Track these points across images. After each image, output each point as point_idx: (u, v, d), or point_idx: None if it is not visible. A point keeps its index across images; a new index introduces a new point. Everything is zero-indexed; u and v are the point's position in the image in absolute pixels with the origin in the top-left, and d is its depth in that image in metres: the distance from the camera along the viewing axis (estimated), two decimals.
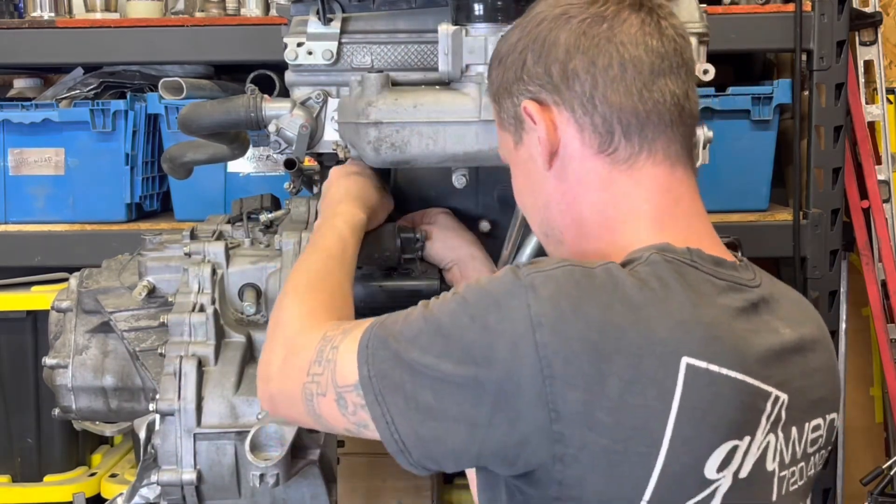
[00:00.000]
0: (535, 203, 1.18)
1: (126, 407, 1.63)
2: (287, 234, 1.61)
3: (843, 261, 2.63)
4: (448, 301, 1.05)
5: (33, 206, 2.65)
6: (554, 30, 1.11)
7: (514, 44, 1.16)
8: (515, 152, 1.19)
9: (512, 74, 1.16)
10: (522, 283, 0.99)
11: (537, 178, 1.16)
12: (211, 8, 2.72)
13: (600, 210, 1.11)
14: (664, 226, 1.10)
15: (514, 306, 0.98)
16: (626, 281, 0.99)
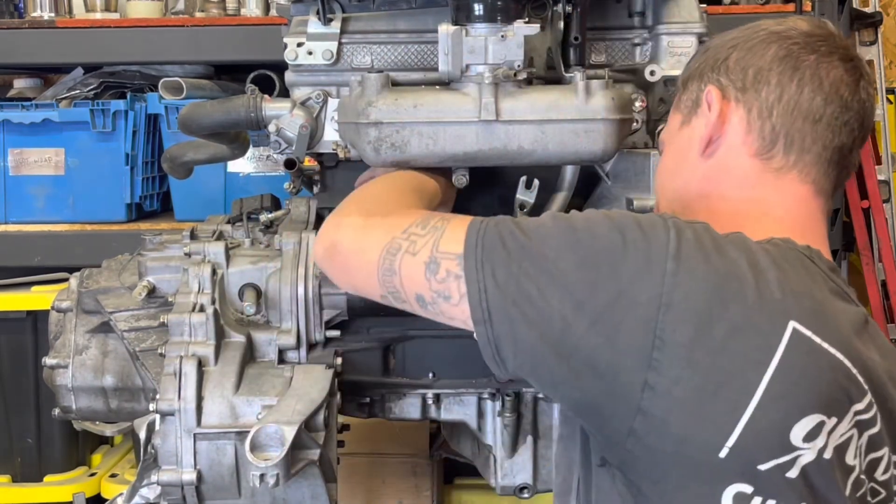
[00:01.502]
0: (675, 182, 1.25)
1: (126, 407, 1.63)
2: (287, 234, 1.61)
3: (843, 261, 2.63)
4: (584, 212, 1.09)
5: (33, 206, 2.65)
6: (768, 41, 1.20)
7: (727, 39, 1.25)
8: (678, 132, 1.25)
9: (711, 62, 1.23)
10: (666, 221, 1.05)
11: (687, 161, 1.22)
12: (211, 8, 2.72)
13: (737, 204, 1.18)
14: (791, 233, 1.14)
15: (655, 234, 1.03)
16: (754, 247, 1.05)
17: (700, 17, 1.55)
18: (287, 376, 1.49)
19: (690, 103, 1.24)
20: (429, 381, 1.70)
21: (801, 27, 1.21)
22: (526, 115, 1.44)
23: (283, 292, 1.57)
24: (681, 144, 1.24)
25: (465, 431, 1.82)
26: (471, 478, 2.70)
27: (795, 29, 1.21)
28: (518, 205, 1.57)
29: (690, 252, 1.01)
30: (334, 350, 1.60)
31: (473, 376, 1.71)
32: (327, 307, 1.60)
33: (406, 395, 1.71)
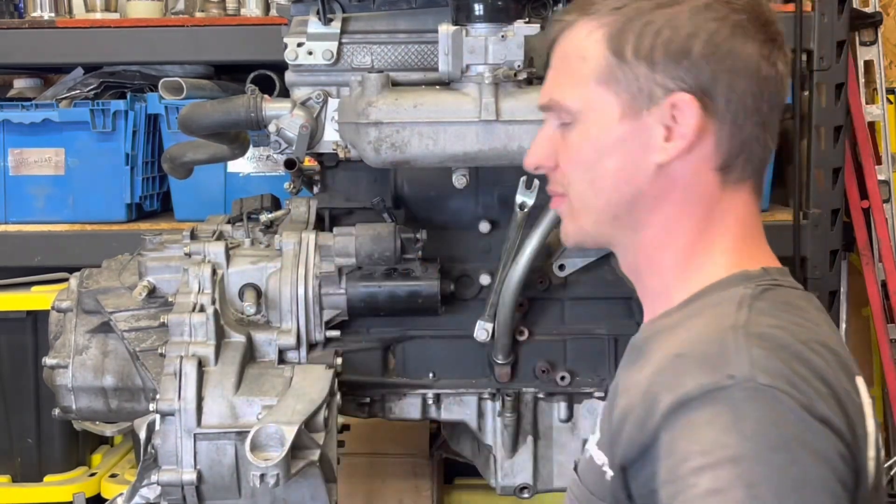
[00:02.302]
0: (624, 189, 1.09)
1: (126, 407, 1.63)
2: (287, 234, 1.61)
3: (843, 261, 2.63)
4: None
5: (33, 206, 2.64)
6: (736, 38, 1.06)
7: (681, 21, 1.05)
8: (616, 122, 1.07)
9: (665, 44, 1.05)
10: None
11: (639, 166, 1.08)
12: (211, 8, 2.72)
13: (693, 217, 1.09)
14: (747, 243, 1.12)
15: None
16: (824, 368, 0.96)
17: None
18: (287, 376, 1.49)
19: (636, 91, 1.06)
20: (429, 381, 1.70)
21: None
22: (526, 115, 1.45)
23: (283, 292, 1.57)
24: (622, 142, 1.08)
25: (465, 431, 1.82)
26: (471, 478, 2.70)
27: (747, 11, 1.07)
28: (518, 205, 1.57)
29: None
30: (334, 350, 1.60)
31: (473, 376, 1.71)
32: (327, 307, 1.60)
33: (406, 395, 1.71)
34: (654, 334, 1.07)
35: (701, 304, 1.05)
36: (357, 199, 1.71)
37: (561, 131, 1.12)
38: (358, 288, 1.60)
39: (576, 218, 1.14)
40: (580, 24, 1.09)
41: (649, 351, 1.04)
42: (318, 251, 1.59)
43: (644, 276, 1.14)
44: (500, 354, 1.66)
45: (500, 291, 1.62)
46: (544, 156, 1.15)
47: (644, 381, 0.98)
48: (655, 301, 1.13)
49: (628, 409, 0.99)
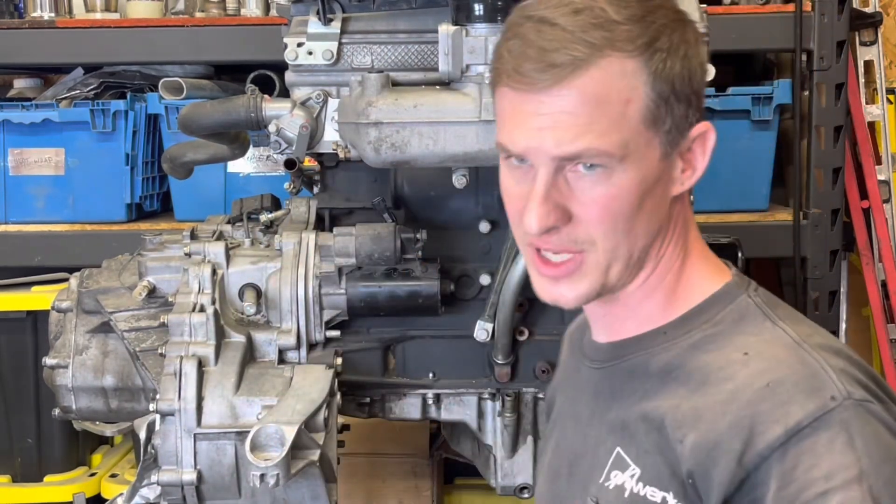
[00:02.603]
0: (650, 227, 1.04)
1: (126, 407, 1.63)
2: (287, 234, 1.61)
3: (843, 261, 2.62)
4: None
5: (33, 206, 2.65)
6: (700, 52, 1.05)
7: (694, 46, 1.03)
8: (658, 163, 1.02)
9: (698, 88, 1.03)
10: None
11: (661, 202, 1.04)
12: (211, 8, 2.72)
13: (680, 236, 1.08)
14: (705, 248, 1.13)
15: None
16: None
17: (700, 17, 1.55)
18: (287, 376, 1.49)
19: (674, 129, 1.02)
20: (429, 381, 1.70)
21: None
22: None
23: (283, 292, 1.57)
24: (660, 183, 1.03)
25: (465, 431, 1.82)
26: (471, 478, 2.70)
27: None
28: None
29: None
30: (334, 350, 1.60)
31: (473, 376, 1.71)
32: (327, 307, 1.60)
33: (406, 395, 1.71)
34: (684, 358, 1.03)
35: (715, 321, 1.04)
36: (357, 199, 1.71)
37: (578, 179, 1.00)
38: (358, 288, 1.60)
39: (600, 273, 1.03)
40: (606, 64, 0.98)
41: (700, 378, 0.99)
42: (318, 251, 1.59)
43: (633, 301, 1.08)
44: (500, 354, 1.66)
45: (500, 291, 1.62)
46: (556, 218, 1.00)
47: (728, 413, 0.95)
48: (636, 320, 1.08)
49: (712, 444, 0.95)
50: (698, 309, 1.06)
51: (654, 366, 1.04)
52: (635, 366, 1.07)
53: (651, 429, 1.01)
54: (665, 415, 1.00)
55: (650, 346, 1.06)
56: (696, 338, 1.04)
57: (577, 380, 1.17)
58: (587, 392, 1.13)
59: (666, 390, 1.02)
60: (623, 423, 1.05)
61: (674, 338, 1.05)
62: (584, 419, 1.12)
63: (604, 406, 1.09)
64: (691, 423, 0.97)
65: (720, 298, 1.06)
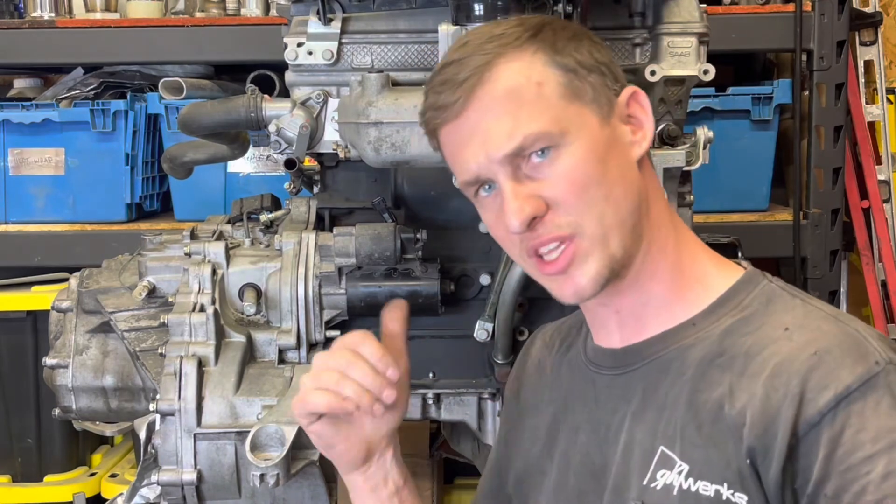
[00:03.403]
0: (627, 191, 1.06)
1: (126, 407, 1.63)
2: (287, 234, 1.61)
3: (843, 261, 2.63)
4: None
5: (33, 206, 2.65)
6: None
7: (580, 28, 1.13)
8: (599, 129, 1.05)
9: (601, 57, 1.09)
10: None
11: (627, 166, 1.07)
12: (211, 8, 2.72)
13: (666, 211, 1.12)
14: (706, 248, 1.14)
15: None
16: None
17: (700, 17, 1.55)
18: (287, 376, 1.49)
19: (600, 98, 1.06)
20: (429, 381, 1.70)
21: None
22: None
23: (283, 292, 1.57)
24: (614, 148, 1.06)
25: (465, 431, 1.82)
26: (471, 478, 2.70)
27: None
28: None
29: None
30: None
31: (473, 376, 1.71)
32: (327, 307, 1.60)
33: None
34: (723, 345, 1.03)
35: (743, 305, 1.06)
36: (357, 199, 1.71)
37: (536, 169, 1.04)
38: (358, 288, 1.60)
39: (601, 248, 1.04)
40: (505, 62, 1.04)
41: (745, 360, 1.01)
42: (318, 251, 1.59)
43: (653, 289, 1.09)
44: (500, 354, 1.66)
45: (500, 291, 1.62)
46: (533, 206, 1.03)
47: (780, 386, 0.96)
48: (659, 310, 1.09)
49: (770, 419, 0.96)
50: (724, 297, 1.07)
51: (691, 358, 1.05)
52: (668, 362, 1.06)
53: (704, 421, 1.01)
54: (721, 403, 1.00)
55: (681, 339, 1.07)
56: (727, 323, 1.05)
57: (592, 390, 1.15)
58: (611, 399, 1.11)
59: (711, 380, 1.02)
60: (667, 422, 1.04)
61: (704, 327, 1.06)
62: (613, 427, 1.10)
63: (637, 407, 1.08)
64: (749, 402, 0.98)
65: (743, 285, 1.08)
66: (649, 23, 1.57)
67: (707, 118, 2.49)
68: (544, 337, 1.30)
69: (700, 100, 2.49)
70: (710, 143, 1.52)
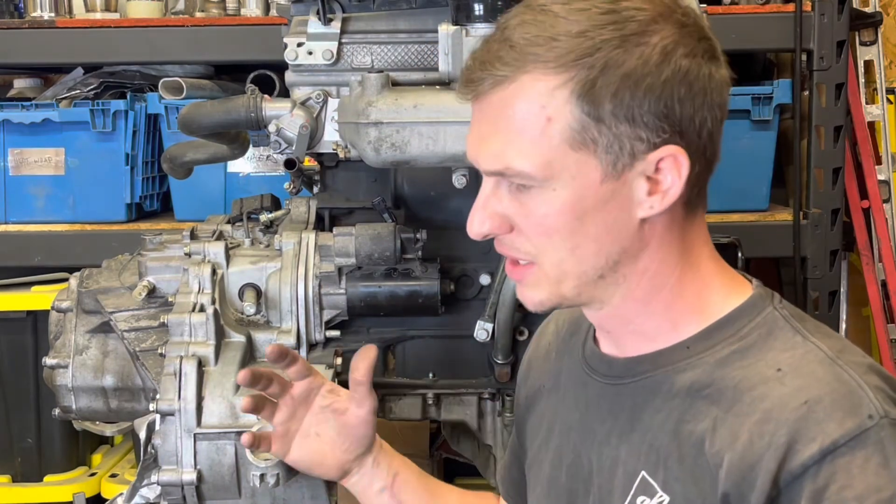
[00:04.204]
0: (603, 248, 1.00)
1: (126, 407, 1.63)
2: (287, 234, 1.61)
3: (843, 261, 2.63)
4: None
5: (33, 206, 2.65)
6: (704, 71, 0.97)
7: (654, 64, 0.95)
8: (598, 185, 0.97)
9: (645, 105, 0.95)
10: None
11: (618, 223, 0.99)
12: (211, 8, 2.72)
13: (675, 254, 1.03)
14: (718, 258, 1.08)
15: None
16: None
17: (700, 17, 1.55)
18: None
19: (617, 150, 0.96)
20: (429, 381, 1.70)
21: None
22: None
23: (283, 292, 1.57)
24: (609, 205, 0.98)
25: (465, 431, 1.82)
26: (471, 478, 2.70)
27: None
28: None
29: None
30: (334, 350, 1.60)
31: (473, 376, 1.71)
32: (327, 307, 1.60)
33: (406, 395, 1.71)
34: (714, 375, 0.99)
35: (741, 334, 1.01)
36: (357, 199, 1.71)
37: (514, 192, 0.99)
38: (358, 288, 1.60)
39: (552, 285, 1.02)
40: (528, 78, 0.95)
41: (734, 396, 0.96)
42: (318, 251, 1.60)
43: (637, 320, 1.05)
44: (500, 354, 1.66)
45: (500, 291, 1.62)
46: (496, 224, 1.00)
47: (765, 434, 0.92)
48: (648, 336, 1.05)
49: (749, 466, 0.92)
50: (723, 321, 1.02)
51: (680, 383, 1.01)
52: (657, 383, 1.03)
53: (686, 454, 0.98)
54: (703, 438, 0.97)
55: (673, 361, 1.03)
56: (723, 353, 1.00)
57: (585, 393, 1.13)
58: (601, 408, 1.09)
59: (698, 411, 0.99)
60: (650, 446, 1.01)
61: (698, 352, 1.02)
62: (599, 437, 1.08)
63: (624, 425, 1.05)
64: (728, 445, 0.94)
65: (745, 311, 1.03)
66: None
67: None
68: (558, 321, 1.26)
69: None
70: None
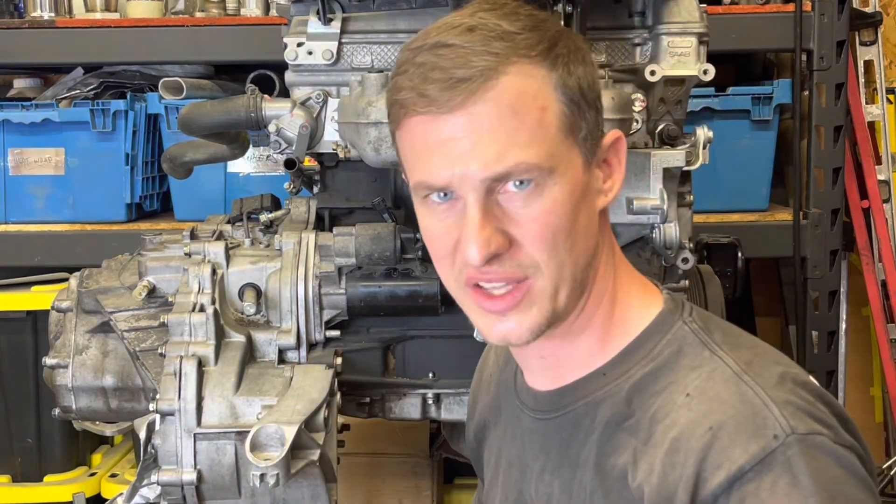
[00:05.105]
0: (588, 243, 0.99)
1: (126, 407, 1.63)
2: (287, 234, 1.61)
3: (843, 261, 2.63)
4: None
5: (33, 206, 2.65)
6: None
7: (586, 51, 1.01)
8: (581, 173, 0.97)
9: (600, 92, 1.00)
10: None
11: (592, 215, 0.99)
12: (211, 8, 2.72)
13: (609, 256, 1.03)
14: (633, 271, 1.08)
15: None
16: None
17: (700, 17, 1.55)
18: (287, 376, 1.49)
19: (590, 137, 0.97)
20: (429, 381, 1.70)
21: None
22: None
23: (283, 292, 1.57)
24: (587, 195, 0.98)
25: (464, 431, 1.82)
26: (471, 478, 2.70)
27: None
28: None
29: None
30: (334, 350, 1.60)
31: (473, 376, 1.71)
32: (327, 307, 1.60)
33: (406, 395, 1.71)
34: (631, 403, 0.99)
35: (653, 355, 1.00)
36: (357, 199, 1.71)
37: (512, 200, 0.95)
38: (358, 288, 1.60)
39: (548, 300, 0.97)
40: (515, 73, 0.93)
41: (648, 427, 0.96)
42: (318, 251, 1.60)
43: (576, 339, 1.04)
44: None
45: None
46: (498, 243, 0.94)
47: (676, 465, 0.92)
48: (576, 360, 1.04)
49: (666, 498, 0.92)
50: (635, 344, 1.02)
51: (601, 416, 1.00)
52: (580, 416, 1.02)
53: (610, 489, 0.98)
54: (625, 471, 0.97)
55: (592, 391, 1.02)
56: (637, 377, 1.00)
57: (519, 428, 1.12)
58: (533, 444, 1.08)
59: (618, 444, 0.98)
60: (579, 482, 1.01)
61: (614, 378, 1.01)
62: (535, 472, 1.08)
63: (555, 461, 1.05)
64: (646, 478, 0.94)
65: (656, 329, 1.02)
66: (649, 23, 1.57)
67: (707, 118, 2.49)
68: (497, 350, 1.24)
69: (700, 100, 2.49)
70: (709, 143, 1.52)
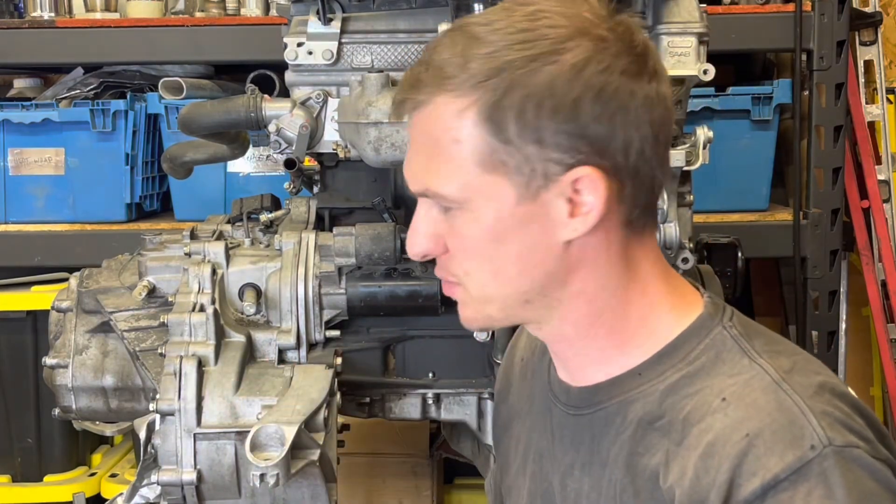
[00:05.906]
0: (526, 271, 0.99)
1: (126, 407, 1.63)
2: (287, 234, 1.61)
3: (843, 261, 2.63)
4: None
5: (33, 206, 2.65)
6: (624, 87, 0.94)
7: (562, 84, 0.93)
8: (513, 206, 0.96)
9: (552, 125, 0.93)
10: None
11: (540, 246, 0.98)
12: (211, 8, 2.72)
13: (615, 276, 1.01)
14: (670, 278, 1.06)
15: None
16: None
17: (700, 17, 1.55)
18: (287, 376, 1.49)
19: (528, 172, 0.94)
20: (429, 381, 1.70)
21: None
22: None
23: (283, 292, 1.57)
24: (528, 227, 0.96)
25: (465, 431, 1.82)
26: (471, 478, 2.70)
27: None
28: None
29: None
30: (334, 350, 1.60)
31: (473, 376, 1.71)
32: (327, 307, 1.60)
33: (406, 395, 1.71)
34: (664, 405, 0.98)
35: (690, 358, 1.00)
36: (357, 199, 1.71)
37: (443, 214, 1.00)
38: (358, 288, 1.60)
39: (479, 306, 1.02)
40: (440, 100, 0.95)
41: (682, 429, 0.96)
42: (318, 251, 1.60)
43: (578, 343, 1.04)
44: (500, 354, 1.66)
45: None
46: (432, 244, 1.02)
47: (710, 469, 0.92)
48: (597, 360, 1.04)
49: (692, 498, 0.92)
50: (672, 346, 1.01)
51: (633, 414, 1.00)
52: (612, 414, 1.02)
53: (641, 488, 0.98)
54: (657, 472, 0.96)
55: (626, 390, 1.02)
56: (672, 379, 0.99)
57: (550, 421, 1.12)
58: (564, 438, 1.09)
59: (650, 444, 0.98)
60: (609, 480, 1.01)
61: (649, 379, 1.01)
62: (564, 467, 1.08)
63: (585, 457, 1.05)
64: (678, 480, 0.94)
65: (694, 333, 1.01)
66: (649, 23, 1.57)
67: (707, 118, 2.49)
68: (529, 335, 1.24)
69: (700, 100, 2.49)
70: (709, 143, 1.52)
